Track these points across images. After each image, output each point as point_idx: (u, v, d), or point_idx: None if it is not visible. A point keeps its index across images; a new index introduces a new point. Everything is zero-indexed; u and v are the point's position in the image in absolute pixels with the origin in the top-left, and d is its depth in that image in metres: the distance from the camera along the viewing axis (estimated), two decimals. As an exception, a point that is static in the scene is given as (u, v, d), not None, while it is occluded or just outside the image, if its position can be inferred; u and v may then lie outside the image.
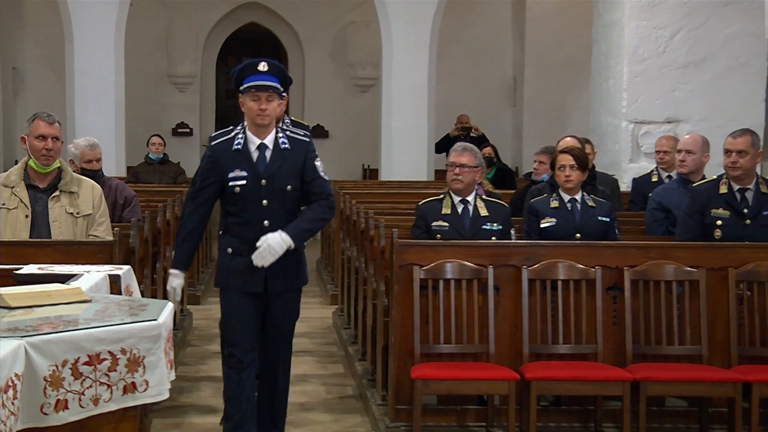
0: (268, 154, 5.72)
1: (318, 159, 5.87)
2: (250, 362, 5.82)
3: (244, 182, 5.65)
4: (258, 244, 5.56)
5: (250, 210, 5.67)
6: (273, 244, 5.55)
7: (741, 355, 6.38)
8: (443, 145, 13.58)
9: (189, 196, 6.13)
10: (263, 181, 5.65)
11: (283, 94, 5.91)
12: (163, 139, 13.67)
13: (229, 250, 5.74)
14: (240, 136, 5.73)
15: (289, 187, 5.68)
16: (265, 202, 5.65)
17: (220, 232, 5.97)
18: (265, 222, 5.63)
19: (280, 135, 5.79)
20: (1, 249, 5.67)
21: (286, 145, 5.75)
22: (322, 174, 5.84)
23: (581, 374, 6.21)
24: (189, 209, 5.94)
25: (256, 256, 5.54)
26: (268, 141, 5.73)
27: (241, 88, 5.69)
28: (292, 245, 5.63)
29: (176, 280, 5.91)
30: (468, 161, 6.86)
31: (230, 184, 5.67)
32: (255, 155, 5.71)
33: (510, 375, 6.09)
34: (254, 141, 5.72)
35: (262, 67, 5.65)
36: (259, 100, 5.59)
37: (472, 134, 14.61)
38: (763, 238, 6.72)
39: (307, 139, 5.91)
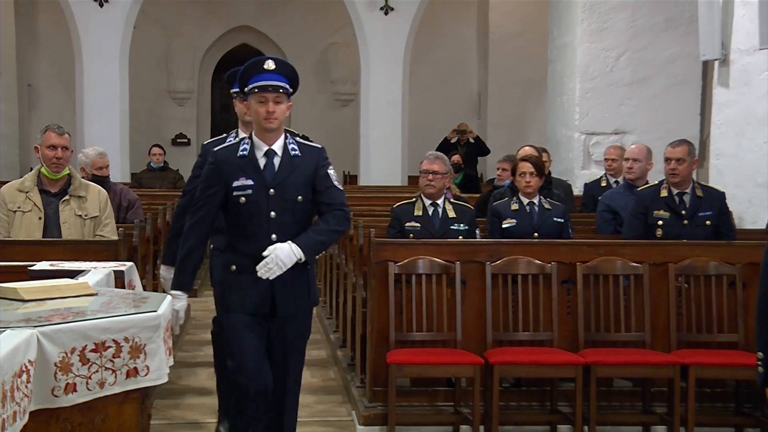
0: (276, 161, 4.74)
1: (331, 168, 4.91)
2: (259, 391, 4.79)
3: (250, 191, 4.67)
4: (265, 253, 4.61)
5: (255, 222, 4.69)
6: (281, 255, 4.62)
7: (679, 340, 6.39)
8: (443, 149, 13.61)
9: (184, 207, 5.29)
10: (271, 190, 4.68)
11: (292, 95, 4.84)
12: (163, 149, 13.61)
13: (233, 267, 4.76)
14: (246, 141, 4.77)
15: (299, 197, 4.72)
16: (273, 213, 4.67)
17: (217, 247, 5.32)
18: (273, 236, 4.66)
19: (290, 141, 4.82)
20: (17, 248, 5.68)
21: (297, 152, 4.79)
22: (335, 183, 4.87)
23: (539, 359, 6.21)
24: (189, 223, 4.89)
25: (261, 267, 4.60)
26: (277, 147, 4.76)
27: (245, 89, 4.72)
28: (303, 258, 4.70)
29: (179, 302, 4.83)
30: (439, 168, 6.88)
31: (234, 193, 4.68)
32: (262, 162, 4.72)
33: (475, 360, 6.08)
34: (262, 147, 4.73)
35: (269, 65, 4.65)
36: (266, 102, 4.61)
37: (469, 139, 14.69)
38: (699, 237, 6.75)
39: (320, 146, 4.94)
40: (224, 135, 5.84)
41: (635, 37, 11.22)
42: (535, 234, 6.90)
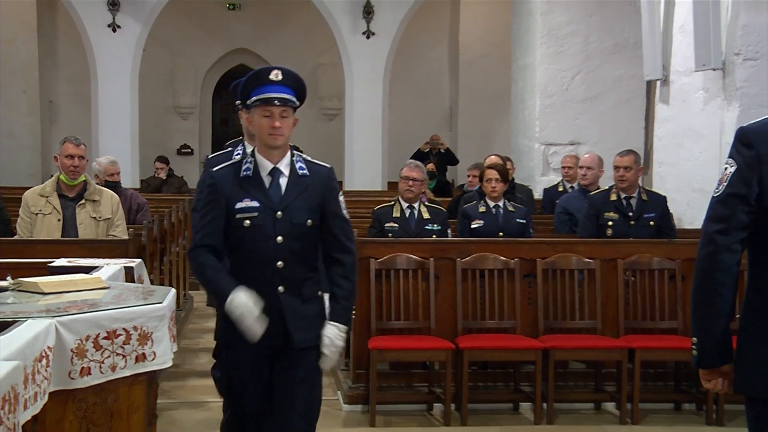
0: (283, 181, 3.84)
1: (341, 193, 4.05)
2: None
3: (255, 214, 3.78)
4: (325, 351, 3.81)
5: (260, 248, 3.79)
6: (337, 341, 3.84)
7: (627, 327, 6.42)
8: (417, 158, 13.60)
9: (193, 238, 4.05)
10: (278, 213, 3.79)
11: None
12: (165, 162, 13.59)
13: None
14: (249, 160, 3.86)
15: (309, 221, 3.84)
16: (279, 238, 3.78)
17: None
18: (279, 263, 3.79)
19: (297, 159, 3.93)
20: (38, 246, 5.68)
21: (305, 171, 3.90)
22: (344, 212, 3.99)
23: (503, 344, 6.22)
24: (199, 257, 3.83)
25: (326, 362, 3.85)
26: (283, 166, 3.85)
27: (248, 101, 3.82)
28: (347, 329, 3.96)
29: (239, 299, 3.66)
30: (418, 176, 6.89)
31: (237, 216, 3.78)
32: (267, 182, 3.83)
33: (447, 345, 6.08)
34: (266, 166, 3.83)
35: (275, 75, 3.78)
36: (272, 116, 3.74)
37: (440, 149, 14.69)
38: (644, 236, 6.78)
39: (329, 166, 4.03)
40: (229, 149, 5.22)
41: (588, 59, 11.26)
42: (500, 233, 6.90)
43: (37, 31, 16.02)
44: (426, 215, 6.90)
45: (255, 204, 3.80)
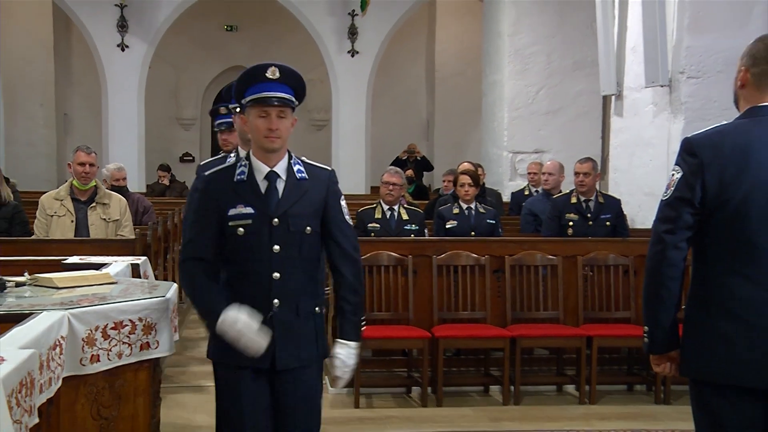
0: (280, 185, 3.21)
1: (343, 198, 3.41)
2: None
3: (249, 221, 3.15)
4: (338, 374, 3.28)
5: (255, 258, 3.15)
6: (349, 361, 3.28)
7: (585, 317, 6.43)
8: (396, 164, 13.61)
9: (182, 250, 3.34)
10: (275, 220, 3.15)
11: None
12: (166, 170, 13.57)
13: None
14: (243, 164, 3.22)
15: (308, 228, 3.22)
16: (276, 247, 3.14)
17: None
18: (275, 274, 3.14)
19: (295, 162, 3.28)
20: (53, 245, 5.66)
21: (304, 175, 3.27)
22: (347, 217, 3.37)
23: (475, 333, 6.22)
24: (188, 272, 3.19)
25: (339, 383, 3.31)
26: (280, 169, 3.22)
27: (243, 101, 3.20)
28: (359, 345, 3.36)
29: (231, 316, 3.05)
30: (398, 181, 6.90)
31: (231, 224, 3.15)
32: (263, 186, 3.19)
33: (424, 334, 6.08)
34: (262, 169, 3.20)
35: (272, 73, 3.16)
36: (269, 116, 3.13)
37: (418, 157, 14.71)
38: (601, 235, 6.80)
39: (329, 169, 3.39)
40: (223, 155, 4.71)
41: (550, 76, 11.31)
42: (472, 233, 6.91)
43: (54, 51, 16.07)
44: (405, 216, 6.91)
45: (249, 210, 3.16)
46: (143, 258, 5.05)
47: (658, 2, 7.15)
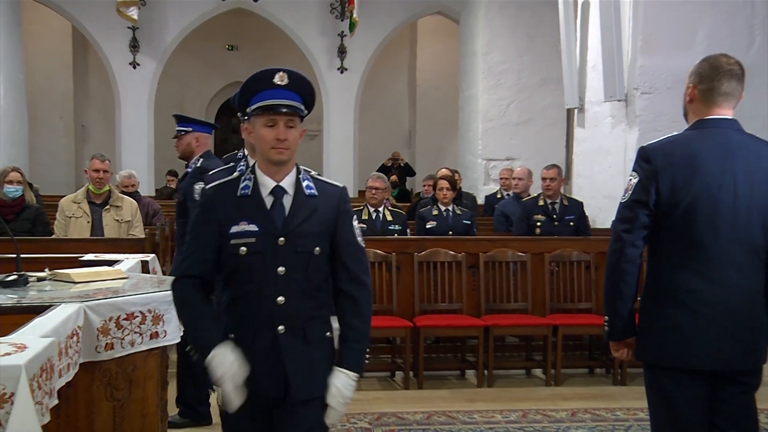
0: (287, 201, 2.66)
1: (355, 218, 2.82)
2: None
3: (253, 240, 2.61)
4: (332, 404, 2.64)
5: (258, 280, 2.62)
6: (347, 392, 2.68)
7: (552, 308, 6.45)
8: (382, 170, 13.57)
9: (174, 268, 2.94)
10: (281, 239, 2.61)
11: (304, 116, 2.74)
12: (173, 175, 13.53)
13: (231, 335, 2.62)
14: (248, 177, 2.69)
15: (316, 249, 2.66)
16: (281, 269, 2.61)
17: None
18: (280, 298, 2.62)
19: (304, 177, 2.73)
20: (71, 244, 5.64)
21: (313, 191, 2.71)
22: (359, 239, 2.79)
23: (453, 323, 6.22)
24: (181, 293, 2.65)
25: (332, 415, 2.67)
26: (287, 184, 2.68)
27: (248, 109, 2.66)
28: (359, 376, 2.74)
29: (221, 357, 2.53)
30: (380, 185, 6.88)
31: (232, 242, 2.61)
32: (269, 202, 2.65)
33: (406, 324, 6.08)
34: (267, 184, 2.66)
35: (280, 79, 2.62)
36: (276, 125, 2.60)
37: (401, 164, 14.71)
38: (565, 234, 6.83)
39: (341, 186, 2.81)
40: (231, 164, 4.18)
41: (520, 91, 11.34)
42: (450, 232, 6.92)
43: (72, 69, 16.06)
44: (389, 217, 6.90)
45: (253, 228, 2.62)
46: (152, 255, 5.03)
47: (614, 26, 7.18)
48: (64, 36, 15.68)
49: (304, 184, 2.70)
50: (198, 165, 5.11)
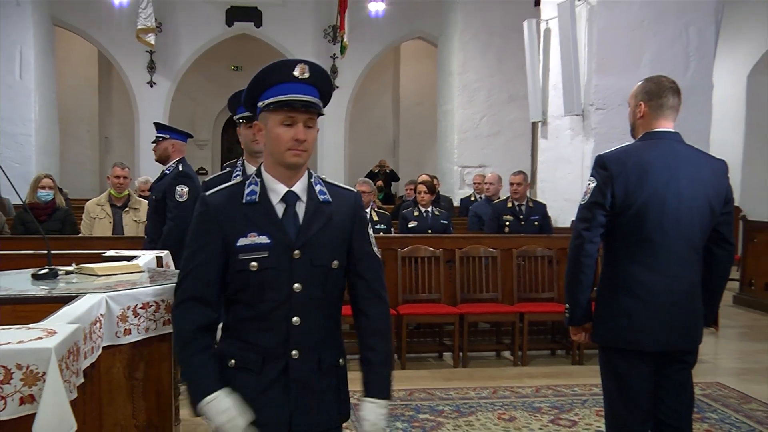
0: (300, 209, 2.08)
1: (370, 226, 2.26)
2: None
3: (265, 254, 2.01)
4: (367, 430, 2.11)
5: (270, 298, 2.04)
6: (380, 422, 2.13)
7: (519, 297, 6.46)
8: (369, 176, 13.55)
9: (178, 289, 2.14)
10: (296, 252, 2.03)
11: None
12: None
13: (232, 362, 2.07)
14: (254, 182, 2.08)
15: (335, 263, 2.10)
16: (297, 286, 2.04)
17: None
18: (295, 318, 2.05)
19: (316, 181, 2.14)
20: (95, 241, 5.67)
21: (326, 197, 2.12)
22: (375, 249, 2.22)
23: (432, 311, 6.23)
24: (183, 321, 2.08)
25: None
26: (299, 189, 2.09)
27: (260, 103, 2.04)
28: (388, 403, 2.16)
29: (220, 405, 1.99)
30: (366, 189, 6.87)
31: (241, 257, 2.01)
32: (280, 210, 2.06)
33: (391, 312, 6.07)
34: (278, 189, 2.06)
35: (301, 71, 2.01)
36: (295, 124, 2.00)
37: (386, 170, 14.72)
38: (531, 232, 6.83)
39: (355, 190, 2.24)
40: (228, 170, 3.67)
41: (491, 106, 11.38)
42: (429, 231, 6.92)
43: (98, 89, 16.11)
44: (376, 218, 6.90)
45: (265, 240, 2.03)
46: (166, 252, 5.00)
47: (572, 51, 7.22)
48: (90, 60, 15.75)
49: (317, 189, 2.13)
50: (180, 169, 5.19)
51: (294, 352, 2.07)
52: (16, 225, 6.51)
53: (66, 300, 2.81)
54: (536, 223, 6.93)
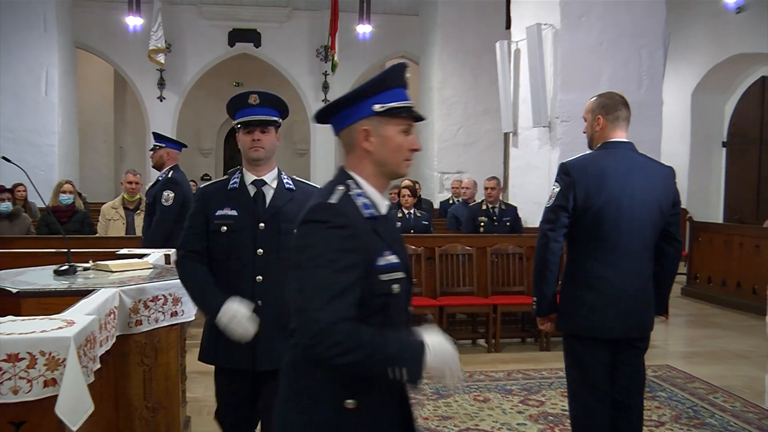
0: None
1: None
2: None
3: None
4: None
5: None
6: (448, 356, 1.62)
7: (492, 290, 6.48)
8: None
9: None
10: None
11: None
12: (195, 183, 13.52)
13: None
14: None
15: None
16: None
17: None
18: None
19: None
20: (110, 241, 5.66)
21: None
22: None
23: (414, 303, 6.18)
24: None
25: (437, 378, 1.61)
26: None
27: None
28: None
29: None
30: (354, 193, 6.89)
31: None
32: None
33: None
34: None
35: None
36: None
37: None
38: (503, 232, 6.85)
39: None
40: (226, 177, 3.32)
41: (467, 118, 11.40)
42: (412, 231, 6.91)
43: (113, 103, 16.08)
44: (363, 219, 6.91)
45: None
46: (173, 250, 4.99)
47: (540, 69, 7.26)
48: (107, 78, 15.76)
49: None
50: (169, 176, 5.23)
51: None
52: (40, 226, 6.48)
53: (84, 294, 2.81)
54: (508, 223, 6.94)
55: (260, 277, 2.51)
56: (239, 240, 2.54)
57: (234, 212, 2.57)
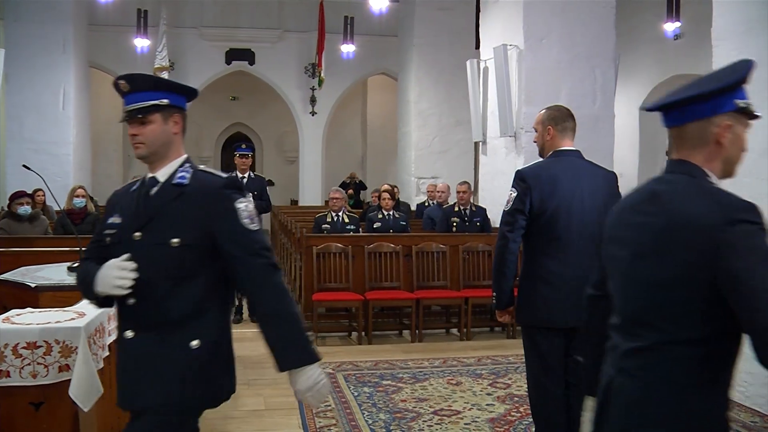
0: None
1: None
2: None
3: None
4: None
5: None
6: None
7: (464, 284, 6.52)
8: (342, 186, 13.56)
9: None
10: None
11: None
12: None
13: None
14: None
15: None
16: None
17: None
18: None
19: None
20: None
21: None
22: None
23: (393, 296, 6.29)
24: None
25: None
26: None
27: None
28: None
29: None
30: (339, 196, 6.92)
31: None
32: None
33: (360, 297, 6.13)
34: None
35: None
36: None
37: (356, 181, 14.80)
38: (474, 231, 6.89)
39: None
40: None
41: (442, 129, 11.46)
42: (391, 230, 6.95)
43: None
44: (347, 220, 6.93)
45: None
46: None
47: (506, 85, 7.34)
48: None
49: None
50: None
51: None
52: (56, 227, 6.47)
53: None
54: (478, 223, 7.00)
55: (132, 301, 1.81)
56: (117, 255, 1.84)
57: (117, 219, 1.93)
